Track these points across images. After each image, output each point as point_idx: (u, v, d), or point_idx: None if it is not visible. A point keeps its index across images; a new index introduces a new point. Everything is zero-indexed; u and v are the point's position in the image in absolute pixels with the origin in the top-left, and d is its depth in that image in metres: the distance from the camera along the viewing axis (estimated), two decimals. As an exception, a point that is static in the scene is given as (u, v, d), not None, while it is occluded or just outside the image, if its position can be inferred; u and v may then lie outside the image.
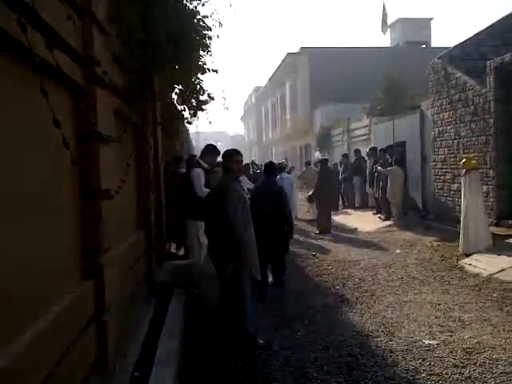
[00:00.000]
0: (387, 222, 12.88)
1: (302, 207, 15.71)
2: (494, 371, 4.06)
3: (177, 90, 5.83)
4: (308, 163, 16.50)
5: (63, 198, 2.76)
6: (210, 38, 5.57)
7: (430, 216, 12.45)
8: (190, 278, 6.03)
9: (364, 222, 13.57)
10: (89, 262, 3.07)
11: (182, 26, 4.76)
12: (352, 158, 16.99)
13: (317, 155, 20.40)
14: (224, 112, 5.64)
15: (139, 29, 4.30)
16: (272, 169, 7.29)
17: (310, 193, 13.01)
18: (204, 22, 5.33)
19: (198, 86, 5.68)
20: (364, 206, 15.82)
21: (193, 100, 5.74)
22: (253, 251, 4.61)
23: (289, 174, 14.10)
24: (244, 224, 4.49)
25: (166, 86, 6.14)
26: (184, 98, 5.70)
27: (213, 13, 5.34)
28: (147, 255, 5.45)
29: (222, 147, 9.30)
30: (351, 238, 11.58)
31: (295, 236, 11.83)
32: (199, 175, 6.19)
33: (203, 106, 5.84)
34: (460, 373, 4.05)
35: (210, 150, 6.32)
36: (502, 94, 9.84)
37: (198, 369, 4.13)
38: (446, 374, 4.04)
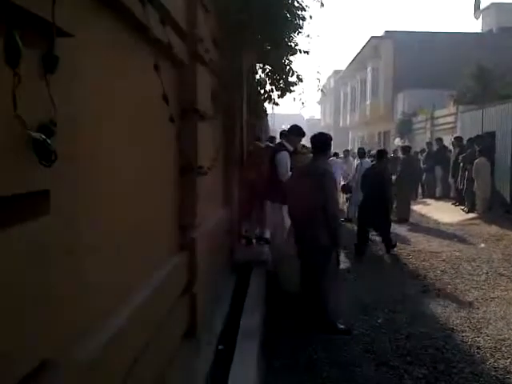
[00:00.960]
0: (470, 215, 12.31)
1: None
2: None
3: (267, 70, 5.83)
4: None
5: (166, 172, 2.86)
6: (303, 18, 5.51)
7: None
8: (267, 257, 6.10)
9: (444, 213, 13.05)
10: (184, 234, 3.18)
11: (277, 6, 4.74)
12: (434, 147, 16.32)
13: (397, 142, 19.82)
14: (299, 94, 5.56)
15: (236, 7, 4.35)
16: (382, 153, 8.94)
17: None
18: (298, 2, 5.27)
19: (288, 67, 5.66)
20: (445, 197, 15.20)
21: (281, 81, 5.73)
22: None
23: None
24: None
25: (255, 66, 6.18)
26: (273, 79, 5.70)
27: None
28: (231, 231, 5.56)
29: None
30: (431, 228, 11.19)
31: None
32: (286, 159, 6.06)
33: (291, 88, 5.81)
34: (553, 376, 3.83)
35: (296, 131, 6.25)
36: None
37: (279, 346, 4.18)
38: (538, 376, 3.84)
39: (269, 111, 25.25)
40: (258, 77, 6.45)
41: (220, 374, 3.32)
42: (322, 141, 4.76)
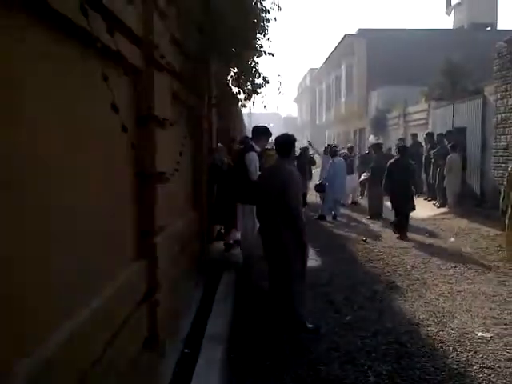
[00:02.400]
0: (442, 209, 12.55)
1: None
2: (550, 368, 3.92)
3: (232, 74, 5.86)
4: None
5: (122, 180, 2.87)
6: (267, 20, 5.55)
7: (486, 204, 12.00)
8: (238, 259, 6.13)
9: (416, 208, 13.22)
10: (144, 241, 3.18)
11: (239, 9, 4.77)
12: (408, 143, 16.52)
13: (371, 139, 20.00)
14: (283, 93, 5.64)
15: (197, 11, 4.36)
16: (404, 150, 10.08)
17: (363, 177, 12.87)
18: (262, 5, 5.31)
19: (254, 69, 5.69)
20: (418, 192, 15.40)
21: (248, 83, 5.76)
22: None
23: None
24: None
25: (222, 69, 6.20)
26: (239, 81, 5.72)
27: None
28: (199, 235, 5.57)
29: (274, 129, 9.35)
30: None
31: (344, 221, 11.83)
32: (256, 160, 6.10)
33: (258, 90, 5.84)
34: (514, 367, 3.94)
35: (263, 132, 6.30)
36: None
37: (245, 348, 4.21)
38: (499, 367, 3.94)
39: (246, 111, 25.19)
40: (226, 80, 6.48)
41: (184, 378, 3.34)
42: (286, 142, 4.80)
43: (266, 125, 6.69)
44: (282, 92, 5.67)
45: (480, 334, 4.63)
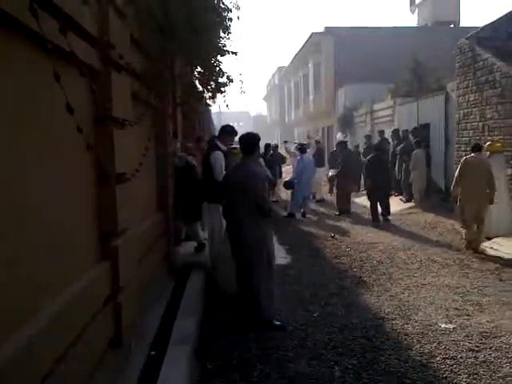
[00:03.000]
0: (408, 204, 12.78)
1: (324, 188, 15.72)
2: (510, 356, 4.04)
3: (196, 73, 5.83)
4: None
5: (81, 182, 2.83)
6: (230, 19, 5.54)
7: (451, 198, 12.27)
8: (207, 259, 6.12)
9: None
10: (105, 243, 3.15)
11: (200, 8, 4.74)
12: (376, 140, 16.76)
13: (339, 136, 20.20)
14: (246, 92, 5.64)
15: (157, 11, 4.32)
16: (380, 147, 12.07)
17: (331, 173, 13.03)
18: (223, 4, 5.30)
19: (218, 69, 5.68)
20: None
21: (212, 82, 5.74)
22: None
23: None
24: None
25: (186, 68, 6.16)
26: (203, 81, 5.71)
27: (232, -6, 5.32)
28: (166, 236, 5.53)
29: (244, 127, 9.38)
30: (371, 219, 11.51)
31: (313, 218, 11.93)
32: (221, 159, 6.09)
33: (222, 88, 5.83)
34: (475, 357, 4.05)
35: (228, 131, 6.28)
36: (531, 74, 9.56)
37: (212, 348, 4.21)
38: (461, 357, 4.04)
39: (215, 109, 25.05)
40: (192, 79, 6.44)
41: (150, 380, 3.32)
42: (250, 141, 4.81)
43: (236, 123, 6.71)
44: (244, 91, 5.67)
45: (443, 325, 4.73)
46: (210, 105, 6.57)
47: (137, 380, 3.30)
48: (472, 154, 8.31)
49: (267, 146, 14.44)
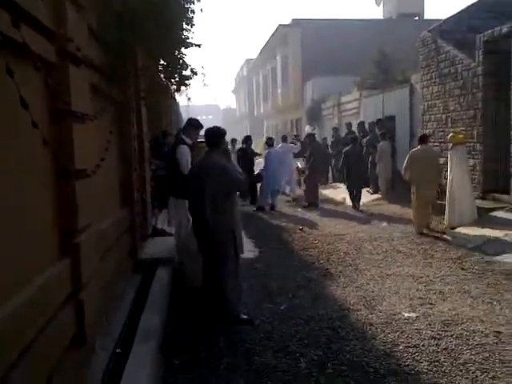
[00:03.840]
0: (375, 196, 12.98)
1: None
2: (470, 343, 4.15)
3: (159, 66, 5.74)
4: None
5: (38, 178, 2.76)
6: (192, 11, 5.47)
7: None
8: (174, 254, 6.07)
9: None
10: (65, 241, 3.08)
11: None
12: (344, 132, 16.94)
13: (307, 129, 20.34)
14: (210, 85, 5.60)
15: (116, 1, 4.24)
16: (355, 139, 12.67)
17: (299, 166, 13.13)
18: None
19: (181, 61, 5.60)
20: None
21: (176, 75, 5.67)
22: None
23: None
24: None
25: (149, 61, 6.06)
26: (166, 73, 5.63)
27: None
28: (131, 232, 5.46)
29: (213, 121, 9.32)
30: (339, 211, 11.67)
31: (282, 211, 12.00)
32: (187, 153, 6.02)
33: (186, 81, 5.77)
34: (437, 344, 4.15)
35: (194, 124, 6.23)
36: (491, 68, 9.81)
37: (179, 344, 4.19)
38: (423, 345, 4.13)
39: (183, 102, 24.76)
40: (157, 72, 6.34)
41: (116, 378, 3.28)
42: (215, 135, 4.79)
43: (205, 117, 6.66)
44: (206, 84, 5.62)
45: (406, 314, 4.83)
46: (174, 98, 6.48)
47: (101, 378, 3.26)
48: (418, 147, 8.91)
49: (247, 140, 13.93)
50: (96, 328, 3.49)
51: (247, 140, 13.35)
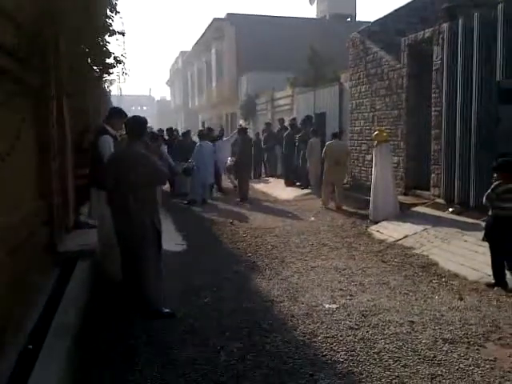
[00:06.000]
0: (305, 191, 13.20)
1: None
2: (386, 332, 4.30)
3: (82, 52, 5.53)
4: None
5: None
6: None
7: (345, 185, 12.86)
8: (95, 248, 5.87)
9: (283, 190, 13.86)
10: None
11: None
12: (276, 128, 17.11)
13: (241, 124, 20.37)
14: (149, 76, 5.47)
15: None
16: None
17: (229, 161, 13.13)
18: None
19: (104, 48, 5.42)
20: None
21: (98, 62, 5.49)
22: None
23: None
24: None
25: (74, 46, 5.81)
26: (88, 59, 5.43)
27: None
28: (48, 225, 5.22)
29: (148, 112, 9.09)
30: (270, 206, 11.78)
31: (215, 204, 11.95)
32: (109, 143, 5.84)
33: (110, 70, 5.59)
34: (354, 335, 4.26)
35: (118, 113, 6.04)
36: (414, 70, 10.24)
37: (97, 338, 4.06)
38: (341, 336, 4.24)
39: (115, 92, 24.07)
40: (82, 59, 6.09)
41: (25, 375, 3.12)
42: (137, 125, 4.67)
43: (139, 108, 6.47)
44: (126, 73, 5.49)
45: (327, 305, 4.94)
46: (104, 87, 6.27)
47: (8, 376, 3.09)
48: (332, 141, 10.96)
49: (186, 134, 13.85)
50: (6, 324, 3.30)
51: (188, 133, 13.81)
